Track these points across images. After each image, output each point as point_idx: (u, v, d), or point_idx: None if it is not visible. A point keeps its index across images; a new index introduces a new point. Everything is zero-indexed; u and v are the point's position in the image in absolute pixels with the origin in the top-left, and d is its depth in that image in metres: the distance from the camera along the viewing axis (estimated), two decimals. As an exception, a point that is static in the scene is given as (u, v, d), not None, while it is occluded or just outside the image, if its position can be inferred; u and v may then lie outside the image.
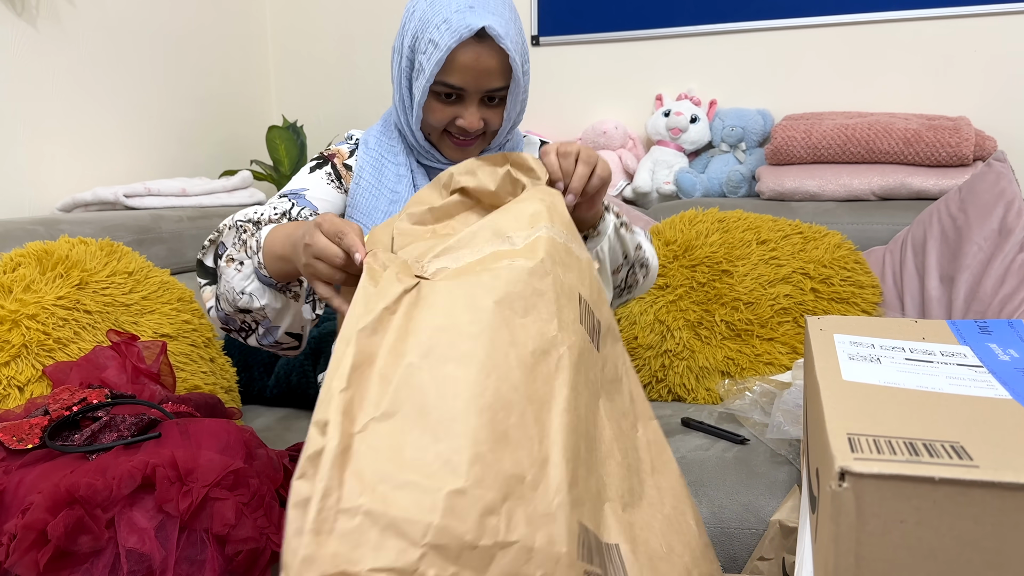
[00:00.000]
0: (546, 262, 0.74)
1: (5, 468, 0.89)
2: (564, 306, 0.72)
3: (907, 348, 0.76)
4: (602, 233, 1.03)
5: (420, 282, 0.72)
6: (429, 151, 1.18)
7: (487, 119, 1.13)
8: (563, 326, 0.71)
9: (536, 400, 0.65)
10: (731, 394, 1.44)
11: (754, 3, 2.11)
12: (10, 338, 1.16)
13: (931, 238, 1.63)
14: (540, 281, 0.72)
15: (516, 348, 0.67)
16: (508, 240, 0.78)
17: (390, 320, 0.68)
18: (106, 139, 1.97)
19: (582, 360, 0.72)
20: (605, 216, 1.03)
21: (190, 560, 0.83)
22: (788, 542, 1.03)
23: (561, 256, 0.77)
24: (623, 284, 1.12)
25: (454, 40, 1.03)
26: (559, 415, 0.65)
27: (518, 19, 1.12)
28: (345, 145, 1.26)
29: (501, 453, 0.61)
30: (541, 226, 0.79)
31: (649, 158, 2.16)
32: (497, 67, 1.07)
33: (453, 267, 0.76)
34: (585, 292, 0.78)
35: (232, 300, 0.98)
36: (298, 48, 2.61)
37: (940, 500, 0.47)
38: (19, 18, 1.71)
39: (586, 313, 0.77)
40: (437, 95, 1.10)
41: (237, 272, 0.97)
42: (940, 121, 1.85)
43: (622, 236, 1.07)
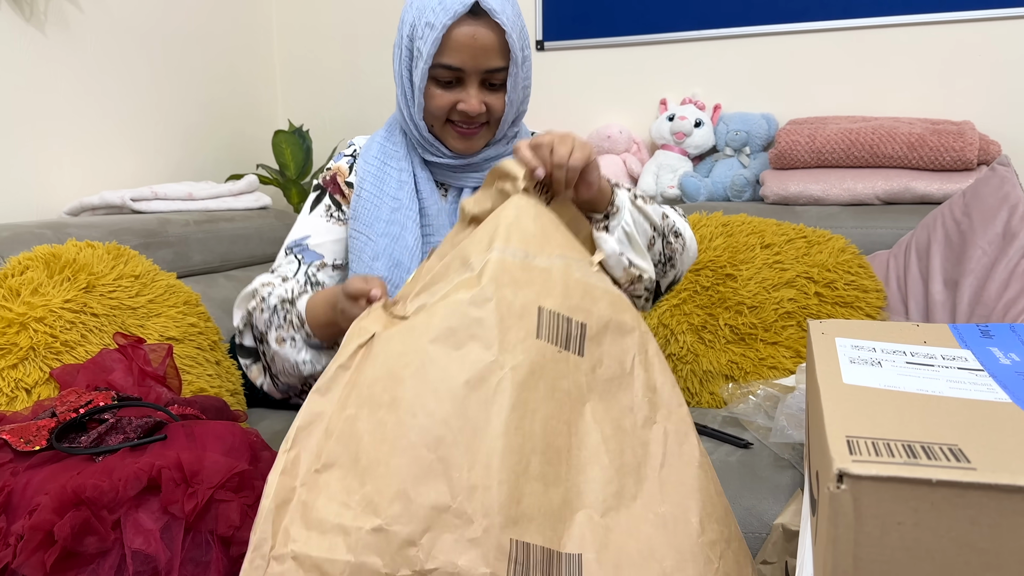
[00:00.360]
0: (487, 288, 0.77)
1: (12, 470, 0.90)
2: (510, 327, 0.75)
3: (908, 352, 0.77)
4: (620, 208, 1.01)
5: (374, 335, 0.78)
6: (433, 144, 1.17)
7: (489, 104, 1.12)
8: (505, 348, 0.74)
9: (468, 430, 0.69)
10: (735, 398, 1.44)
11: (758, 8, 2.11)
12: (18, 341, 1.17)
13: (935, 242, 1.63)
14: (479, 310, 0.76)
15: (447, 382, 0.71)
16: (469, 267, 0.81)
17: (343, 376, 0.76)
18: (113, 143, 1.98)
19: (539, 375, 0.75)
20: (616, 191, 1.02)
21: (195, 561, 0.84)
22: (791, 546, 1.03)
23: (514, 275, 0.79)
24: (662, 257, 1.09)
25: (449, 17, 1.04)
26: (494, 440, 0.69)
27: (517, 5, 1.11)
28: (344, 160, 1.26)
29: (424, 487, 0.66)
30: (495, 247, 0.81)
31: (653, 162, 2.17)
32: (495, 44, 1.07)
33: (429, 302, 0.80)
34: (552, 302, 0.80)
35: (296, 372, 1.08)
36: (304, 53, 2.62)
37: (938, 502, 0.47)
38: (27, 23, 1.72)
39: (552, 323, 0.78)
40: (437, 81, 1.10)
41: (292, 347, 1.06)
42: (944, 125, 1.85)
43: (642, 208, 1.04)
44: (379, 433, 0.69)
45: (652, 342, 0.87)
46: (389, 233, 1.17)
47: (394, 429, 0.69)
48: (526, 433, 0.71)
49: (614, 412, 0.79)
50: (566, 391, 0.77)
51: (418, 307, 0.81)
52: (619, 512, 0.74)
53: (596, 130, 2.24)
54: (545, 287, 0.81)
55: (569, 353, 0.79)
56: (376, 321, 0.81)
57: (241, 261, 1.92)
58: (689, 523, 0.76)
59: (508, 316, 0.76)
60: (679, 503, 0.77)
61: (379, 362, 0.74)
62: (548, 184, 0.95)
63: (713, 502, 0.80)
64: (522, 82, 1.13)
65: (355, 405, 0.72)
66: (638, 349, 0.84)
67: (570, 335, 0.80)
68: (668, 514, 0.76)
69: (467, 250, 0.84)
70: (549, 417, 0.74)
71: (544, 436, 0.73)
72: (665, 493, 0.78)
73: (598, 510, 0.73)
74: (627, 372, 0.82)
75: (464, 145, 1.17)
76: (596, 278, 0.87)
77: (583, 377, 0.79)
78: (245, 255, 1.93)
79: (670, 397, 0.84)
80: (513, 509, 0.67)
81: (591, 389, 0.79)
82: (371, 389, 0.72)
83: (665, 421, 0.82)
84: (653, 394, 0.83)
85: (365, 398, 0.72)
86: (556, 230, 0.89)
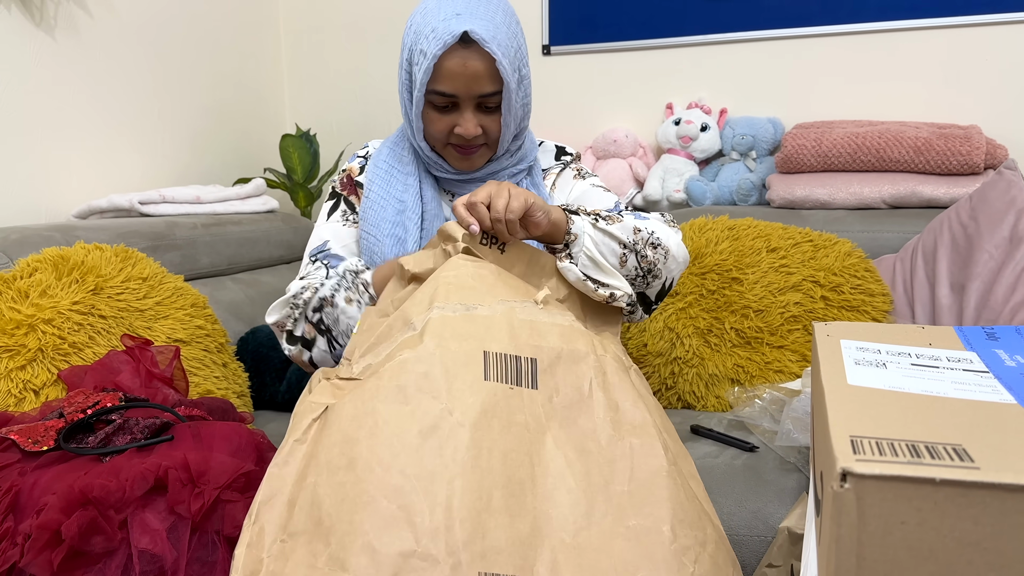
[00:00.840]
0: (429, 344, 0.81)
1: (20, 470, 0.90)
2: (457, 375, 0.79)
3: (913, 354, 0.77)
4: (579, 235, 1.03)
5: (327, 407, 0.81)
6: (437, 162, 1.21)
7: (485, 126, 1.14)
8: (454, 395, 0.78)
9: (425, 476, 0.72)
10: (741, 401, 1.44)
11: (764, 12, 2.11)
12: (26, 342, 1.18)
13: (942, 246, 1.63)
14: (424, 364, 0.80)
15: (400, 435, 0.74)
16: (411, 327, 0.86)
17: (300, 449, 0.79)
18: (121, 147, 1.99)
19: (492, 413, 0.78)
20: (572, 219, 1.03)
21: (201, 561, 0.84)
22: (796, 549, 1.03)
23: (455, 328, 0.84)
24: (638, 271, 1.09)
25: (439, 47, 1.07)
26: (451, 481, 0.72)
27: (514, 25, 1.13)
28: (356, 161, 1.30)
29: (388, 537, 0.69)
30: (435, 307, 0.86)
31: (659, 166, 2.17)
32: (485, 71, 1.09)
33: (375, 362, 0.85)
34: (498, 345, 0.84)
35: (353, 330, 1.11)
36: (311, 57, 2.63)
37: (941, 501, 0.47)
38: (37, 28, 1.73)
39: (500, 363, 0.82)
40: (434, 105, 1.13)
41: (358, 308, 1.11)
42: (951, 130, 1.85)
43: (605, 229, 1.05)
44: (339, 494, 0.72)
45: (610, 363, 0.90)
46: (394, 235, 1.20)
47: (353, 488, 0.72)
48: (484, 470, 0.74)
49: (576, 437, 0.82)
50: (523, 424, 0.80)
51: (364, 367, 0.85)
52: (590, 531, 0.76)
53: (602, 134, 2.25)
54: (489, 333, 0.85)
55: (522, 388, 0.82)
56: (325, 394, 0.84)
57: (248, 264, 1.93)
58: (661, 532, 0.78)
59: (453, 366, 0.80)
60: (649, 514, 0.80)
61: (334, 429, 0.77)
62: (494, 236, 0.99)
63: (684, 508, 0.82)
64: (519, 102, 1.15)
65: (314, 474, 0.75)
66: (595, 373, 0.87)
67: (520, 371, 0.83)
68: (639, 526, 0.79)
69: (408, 311, 0.88)
70: (508, 451, 0.77)
71: (504, 470, 0.75)
72: (635, 506, 0.80)
73: (568, 532, 0.75)
74: (585, 396, 0.85)
75: (465, 164, 1.20)
76: (543, 314, 0.91)
77: (539, 408, 0.82)
78: (252, 258, 1.94)
79: (632, 413, 0.87)
80: (479, 544, 0.70)
81: (550, 418, 0.82)
82: (328, 455, 0.75)
83: (630, 436, 0.85)
84: (615, 413, 0.86)
85: (323, 465, 0.75)
86: (497, 280, 0.93)
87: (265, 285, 1.91)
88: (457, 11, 1.08)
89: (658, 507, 0.80)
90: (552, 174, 1.31)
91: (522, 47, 1.14)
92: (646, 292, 1.13)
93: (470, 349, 0.82)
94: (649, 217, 1.14)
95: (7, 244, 1.39)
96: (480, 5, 1.10)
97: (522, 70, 1.14)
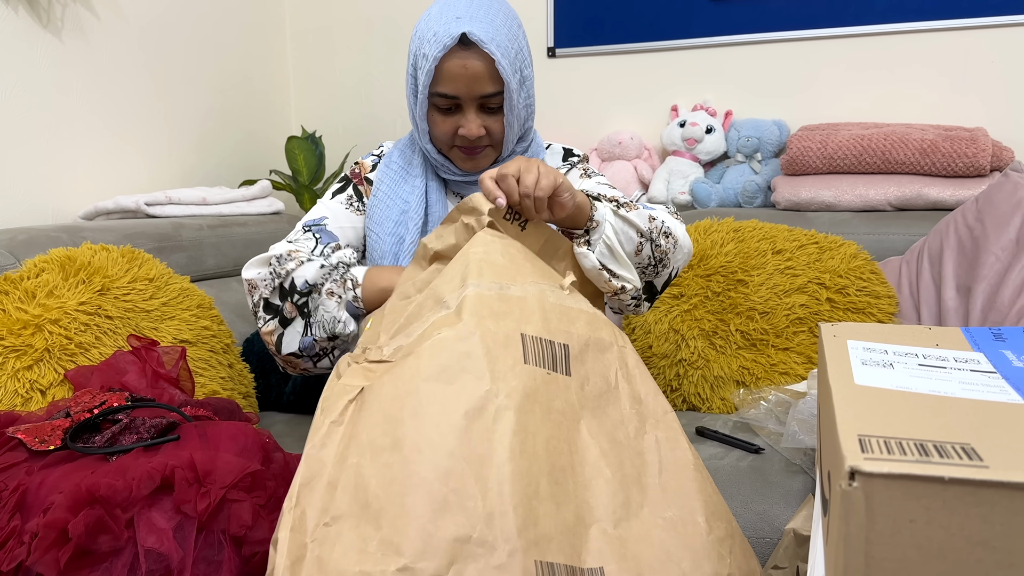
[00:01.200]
0: (469, 322, 0.79)
1: (27, 469, 0.90)
2: (498, 356, 0.77)
3: (920, 354, 0.76)
4: (601, 222, 1.03)
5: (363, 388, 0.79)
6: (444, 164, 1.23)
7: (488, 127, 1.16)
8: (497, 377, 0.76)
9: (475, 459, 0.70)
10: (746, 403, 1.44)
11: (770, 14, 2.12)
12: (33, 342, 1.18)
13: (948, 248, 1.63)
14: (465, 343, 0.77)
15: (447, 416, 0.72)
16: (444, 305, 0.84)
17: (337, 431, 0.76)
18: (128, 148, 2.00)
19: (534, 398, 0.76)
20: (596, 206, 1.03)
21: (207, 561, 0.84)
22: (802, 551, 1.03)
23: (492, 307, 0.82)
24: (652, 260, 1.10)
25: (439, 50, 1.09)
26: (501, 466, 0.70)
27: (514, 27, 1.15)
28: (370, 158, 1.33)
29: (442, 521, 0.67)
30: (469, 284, 0.84)
31: (664, 168, 2.17)
32: (484, 72, 1.11)
33: (406, 343, 0.83)
34: (533, 328, 0.82)
35: (330, 327, 1.12)
36: (317, 59, 2.64)
37: (950, 500, 0.47)
38: (44, 30, 1.74)
39: (537, 347, 0.81)
40: (437, 108, 1.15)
41: (337, 304, 1.11)
42: (957, 132, 1.84)
43: (626, 217, 1.06)
44: (386, 476, 0.70)
45: (631, 354, 0.89)
46: (396, 234, 1.22)
47: (401, 469, 0.69)
48: (531, 456, 0.73)
49: (607, 426, 0.82)
50: (560, 411, 0.78)
51: (395, 348, 0.83)
52: (630, 522, 0.76)
53: (607, 136, 2.25)
54: (524, 314, 0.83)
55: (558, 374, 0.81)
56: (358, 377, 0.82)
57: (254, 265, 1.93)
58: (697, 524, 0.78)
59: (494, 346, 0.78)
60: (683, 505, 0.80)
61: (374, 410, 0.75)
62: (518, 211, 0.98)
63: (714, 501, 0.82)
64: (522, 102, 1.17)
65: (356, 455, 0.72)
66: (619, 364, 0.87)
67: (555, 357, 0.82)
68: (676, 517, 0.78)
69: (440, 290, 0.86)
70: (550, 437, 0.75)
71: (548, 457, 0.74)
72: (668, 498, 0.80)
73: (610, 522, 0.75)
74: (612, 387, 0.85)
75: (470, 165, 1.22)
76: (570, 300, 0.90)
77: (574, 396, 0.81)
78: (258, 260, 1.94)
79: (655, 405, 0.86)
80: (532, 531, 0.69)
81: (583, 406, 0.81)
82: (370, 436, 0.73)
83: (655, 430, 0.85)
84: (639, 405, 0.86)
85: (365, 446, 0.72)
86: (525, 260, 0.92)
87: (270, 286, 1.91)
88: (457, 15, 1.10)
89: (690, 499, 0.80)
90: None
91: (523, 48, 1.16)
92: (654, 281, 1.14)
93: (508, 330, 0.80)
94: (655, 208, 1.15)
95: (14, 245, 1.39)
96: (480, 8, 1.12)
97: (524, 71, 1.16)
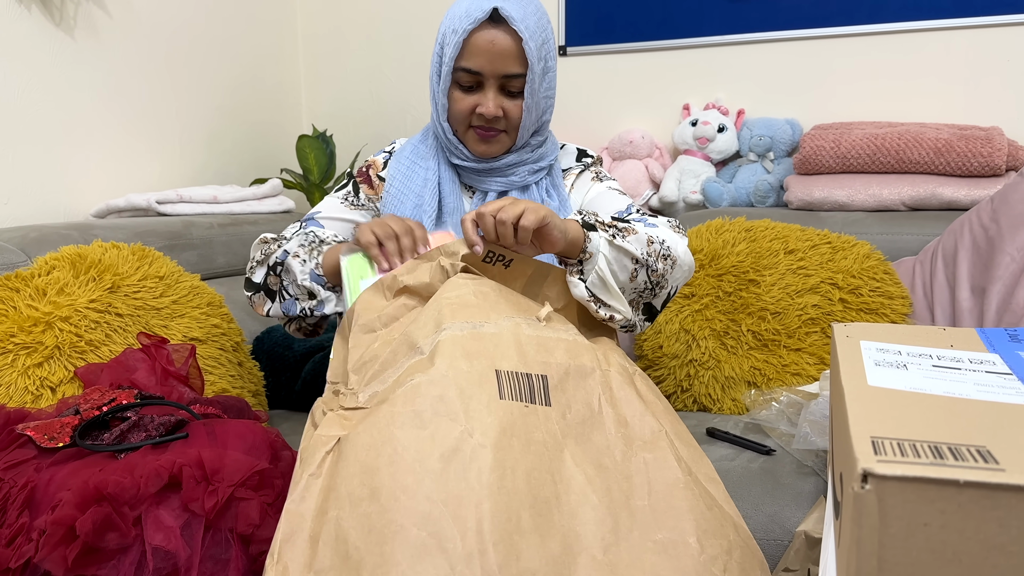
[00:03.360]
0: (441, 366, 0.80)
1: (36, 466, 0.90)
2: (472, 395, 0.78)
3: (935, 355, 0.75)
4: (594, 254, 1.02)
5: (339, 439, 0.79)
6: (457, 147, 1.23)
7: (507, 109, 1.16)
8: (471, 416, 0.76)
9: (452, 501, 0.70)
10: (757, 404, 1.43)
11: (783, 12, 2.10)
12: (43, 339, 1.18)
13: (962, 249, 1.61)
14: (438, 387, 0.78)
15: (422, 461, 0.72)
16: (418, 350, 0.85)
17: (315, 484, 0.77)
18: (139, 147, 2.00)
19: (511, 432, 0.76)
20: (590, 237, 1.02)
21: (214, 559, 0.84)
22: (813, 553, 1.02)
23: (465, 347, 0.83)
24: (648, 284, 1.09)
25: (469, 23, 1.10)
26: (479, 504, 0.70)
27: (544, 19, 1.16)
28: (381, 156, 1.34)
29: (422, 566, 0.66)
30: (443, 328, 0.85)
31: (676, 167, 2.16)
32: (512, 50, 1.12)
33: (381, 389, 0.84)
34: (508, 363, 0.83)
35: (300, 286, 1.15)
36: (328, 59, 2.64)
37: (965, 503, 0.47)
38: (57, 28, 1.75)
39: (513, 382, 0.81)
40: (459, 85, 1.16)
41: (301, 266, 1.14)
42: (972, 131, 1.83)
43: (620, 246, 1.05)
44: (365, 526, 0.70)
45: (614, 377, 0.89)
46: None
47: (379, 519, 0.70)
48: (510, 491, 0.72)
49: (592, 452, 0.81)
50: (542, 442, 0.78)
51: (370, 395, 0.84)
52: (619, 547, 0.75)
53: (618, 135, 2.24)
54: (498, 351, 0.84)
55: (536, 406, 0.81)
56: (334, 427, 0.82)
57: (264, 264, 1.94)
58: (688, 544, 0.78)
59: (468, 386, 0.79)
60: (674, 526, 0.79)
61: (350, 460, 0.75)
62: (499, 254, 1.00)
63: (706, 518, 0.81)
64: (543, 92, 1.17)
65: (335, 507, 0.73)
66: (602, 388, 0.87)
67: (533, 389, 0.82)
68: (666, 539, 0.78)
69: (414, 336, 0.87)
70: (531, 470, 0.75)
71: (530, 489, 0.74)
72: (659, 520, 0.79)
73: (599, 549, 0.74)
74: (596, 412, 0.85)
75: (483, 148, 1.21)
76: (548, 330, 0.90)
77: (555, 425, 0.81)
78: (268, 258, 1.94)
79: (641, 428, 0.86)
80: (514, 567, 0.68)
81: (566, 435, 0.81)
82: (348, 487, 0.73)
83: (642, 451, 0.84)
84: (625, 428, 0.85)
85: (344, 497, 0.73)
86: (499, 296, 0.93)
87: (281, 285, 1.91)
88: None
89: (681, 519, 0.79)
90: (572, 174, 1.33)
91: (550, 40, 1.17)
92: (652, 302, 1.14)
93: (482, 368, 0.81)
94: (658, 224, 1.14)
95: (26, 242, 1.40)
96: None
97: (548, 61, 1.17)
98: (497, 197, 1.23)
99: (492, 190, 1.25)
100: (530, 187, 1.25)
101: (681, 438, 0.91)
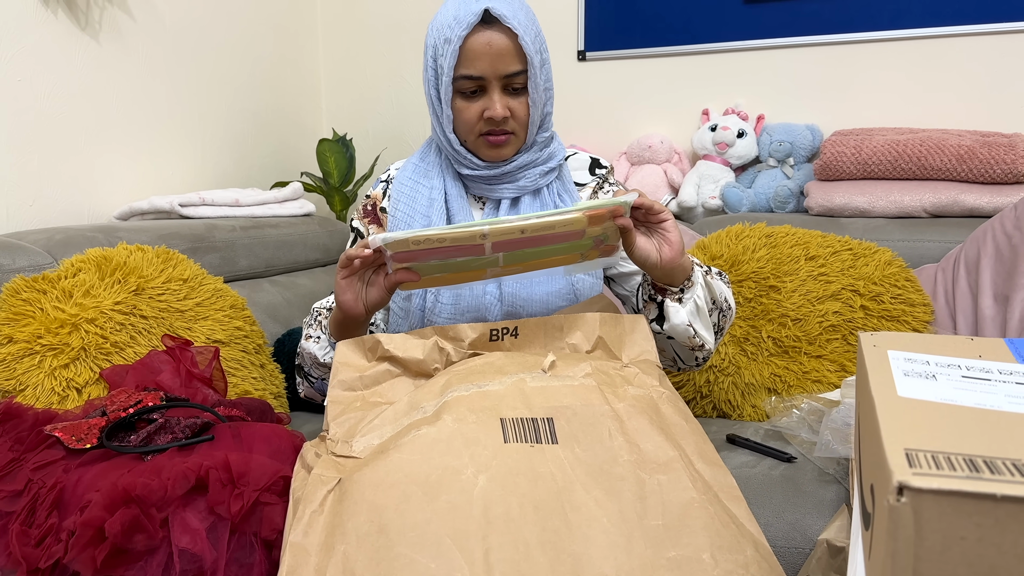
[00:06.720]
0: (447, 419, 0.84)
1: (65, 467, 0.91)
2: (477, 442, 0.82)
3: (963, 366, 0.75)
4: (695, 283, 1.11)
5: (340, 479, 0.82)
6: (466, 156, 1.21)
7: (513, 109, 1.16)
8: (477, 460, 0.80)
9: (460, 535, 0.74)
10: (778, 411, 1.42)
11: (803, 18, 2.09)
12: (70, 341, 1.19)
13: (985, 256, 1.60)
14: (444, 436, 0.82)
15: (430, 503, 0.76)
16: (422, 410, 0.89)
17: (319, 520, 0.79)
18: (163, 150, 2.02)
19: (516, 471, 0.80)
20: (695, 269, 1.12)
21: (239, 562, 0.85)
22: (835, 562, 1.02)
23: (470, 404, 0.87)
24: (716, 327, 1.19)
25: (463, 29, 1.10)
26: (486, 537, 0.73)
27: (530, 12, 1.17)
28: (380, 187, 1.32)
29: None
30: (449, 391, 0.90)
31: (695, 172, 2.16)
32: (510, 49, 1.11)
33: (376, 443, 0.87)
34: (513, 412, 0.87)
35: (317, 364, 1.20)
36: (348, 63, 2.65)
37: (1002, 518, 0.46)
38: (83, 32, 1.76)
39: (518, 427, 0.85)
40: (462, 93, 1.15)
41: (316, 344, 1.20)
42: (995, 138, 1.81)
43: (709, 283, 1.14)
44: (373, 558, 0.73)
45: (625, 410, 0.90)
46: None
47: (387, 551, 0.73)
48: (518, 522, 0.75)
49: (603, 480, 0.83)
50: (550, 475, 0.80)
51: (365, 447, 0.87)
52: (631, 564, 0.75)
53: (637, 140, 2.24)
54: (503, 402, 0.88)
55: (543, 444, 0.84)
56: (330, 468, 0.85)
57: (285, 267, 1.95)
58: (702, 560, 0.77)
59: (473, 434, 0.83)
60: (688, 544, 0.79)
61: (356, 499, 0.78)
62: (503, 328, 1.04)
63: (721, 534, 0.81)
64: (543, 84, 1.17)
65: (342, 542, 0.75)
66: (612, 422, 0.88)
67: (539, 431, 0.85)
68: (680, 556, 0.78)
69: (419, 399, 0.91)
70: (539, 502, 0.78)
71: (538, 520, 0.76)
72: (672, 538, 0.79)
73: (611, 568, 0.74)
74: (606, 444, 0.86)
75: (494, 153, 1.20)
76: (553, 380, 0.93)
77: (564, 459, 0.83)
78: (289, 261, 1.95)
79: (655, 453, 0.87)
80: None
81: (575, 467, 0.83)
82: (355, 524, 0.76)
83: (656, 474, 0.84)
84: (639, 455, 0.86)
85: (351, 532, 0.76)
86: (507, 361, 0.97)
87: (301, 288, 1.92)
88: None
89: (695, 536, 0.79)
90: (588, 189, 1.30)
91: (540, 33, 1.17)
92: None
93: (487, 418, 0.85)
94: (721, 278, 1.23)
95: (52, 244, 1.41)
96: None
97: (543, 53, 1.17)
98: (509, 204, 1.23)
99: (504, 197, 1.23)
100: (541, 191, 1.24)
101: (704, 457, 0.91)
